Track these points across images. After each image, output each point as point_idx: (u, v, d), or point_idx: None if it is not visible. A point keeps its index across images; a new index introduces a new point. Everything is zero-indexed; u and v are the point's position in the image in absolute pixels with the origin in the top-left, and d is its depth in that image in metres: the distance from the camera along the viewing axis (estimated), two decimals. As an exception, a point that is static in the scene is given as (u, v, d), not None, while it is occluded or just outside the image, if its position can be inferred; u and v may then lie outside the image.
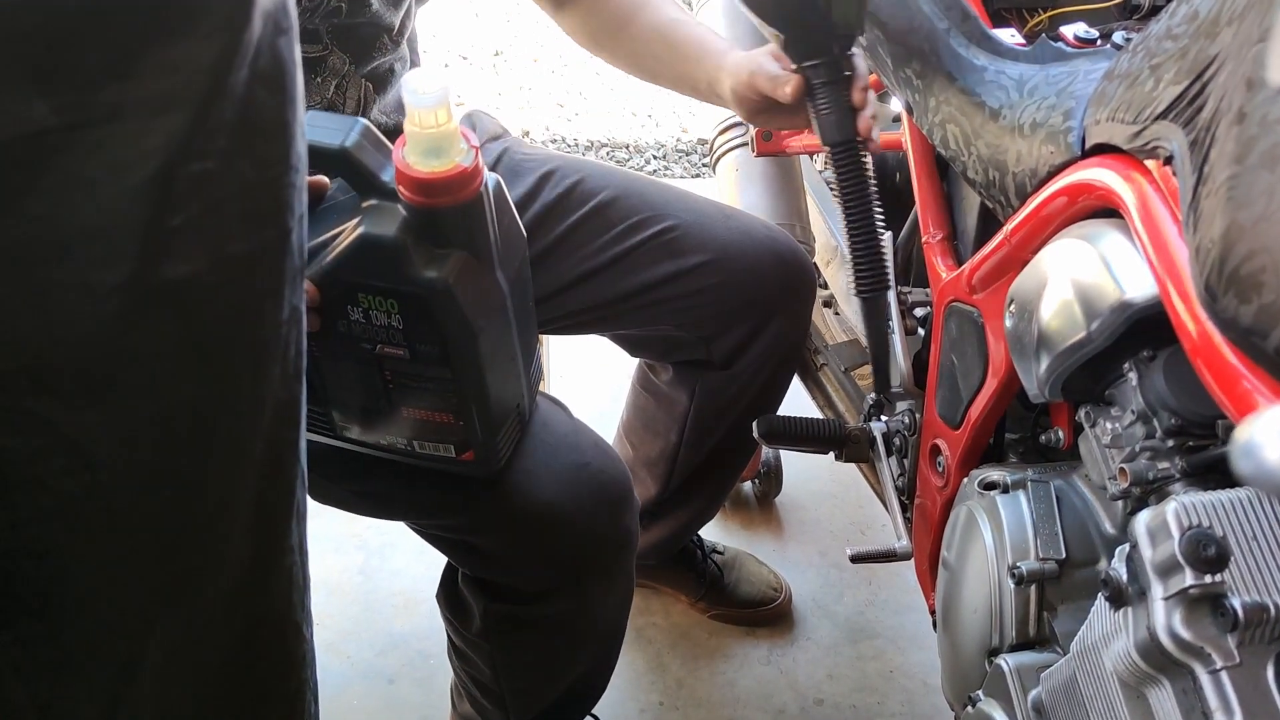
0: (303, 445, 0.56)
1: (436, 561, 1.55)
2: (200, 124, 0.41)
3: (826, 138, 0.88)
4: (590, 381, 1.82)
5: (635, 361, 1.41)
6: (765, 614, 1.56)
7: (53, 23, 0.37)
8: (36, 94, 0.38)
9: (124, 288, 0.41)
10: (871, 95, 0.90)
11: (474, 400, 0.85)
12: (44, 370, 0.41)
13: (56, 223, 0.39)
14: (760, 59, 0.99)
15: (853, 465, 1.30)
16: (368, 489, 0.99)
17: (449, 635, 1.17)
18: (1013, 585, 0.87)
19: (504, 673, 1.12)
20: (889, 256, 0.91)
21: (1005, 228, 0.93)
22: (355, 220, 0.78)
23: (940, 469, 1.07)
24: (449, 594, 1.13)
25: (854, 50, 0.87)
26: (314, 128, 0.74)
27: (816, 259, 1.59)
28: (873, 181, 0.89)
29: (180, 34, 0.40)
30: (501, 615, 1.06)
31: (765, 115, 1.04)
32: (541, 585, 1.02)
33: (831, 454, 1.24)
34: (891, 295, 1.01)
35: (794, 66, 0.91)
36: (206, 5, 0.40)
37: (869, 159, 0.89)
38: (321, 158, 0.76)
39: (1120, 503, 0.84)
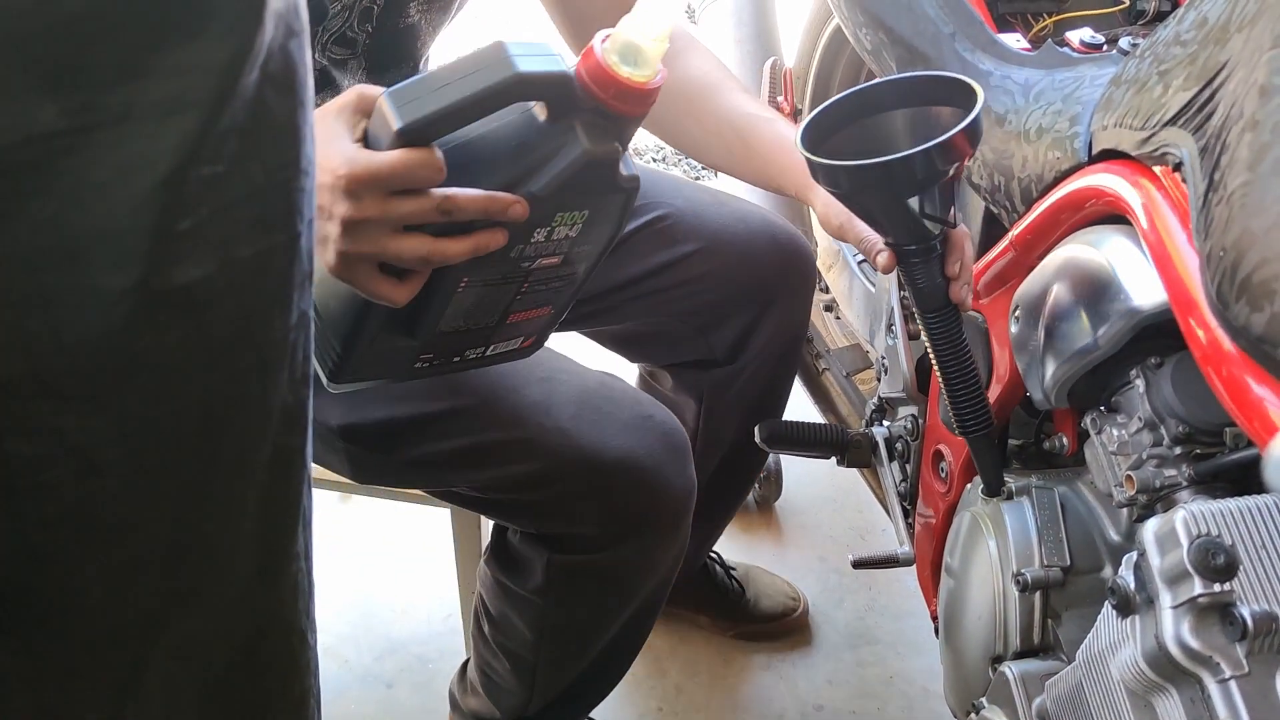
0: (308, 451, 0.55)
1: (435, 565, 1.55)
2: (211, 127, 0.41)
3: (919, 305, 0.88)
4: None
5: (634, 373, 1.39)
6: (788, 625, 1.53)
7: (61, 24, 0.37)
8: (45, 96, 0.37)
9: (133, 292, 0.41)
10: (968, 259, 0.89)
11: (581, 287, 0.84)
12: (51, 375, 0.41)
13: (66, 226, 0.39)
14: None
15: (852, 470, 1.29)
16: (428, 455, 0.97)
17: (486, 606, 1.13)
18: (1017, 592, 0.87)
19: (549, 634, 1.10)
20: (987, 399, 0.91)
21: (1010, 233, 0.93)
22: (565, 139, 0.72)
23: (943, 475, 1.06)
24: (500, 555, 1.10)
25: (952, 225, 0.86)
26: (519, 57, 0.68)
27: (819, 263, 1.59)
28: (965, 339, 0.89)
29: (192, 35, 0.39)
30: (565, 566, 1.04)
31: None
32: (608, 532, 1.01)
33: (833, 459, 1.24)
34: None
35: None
36: (218, 7, 0.40)
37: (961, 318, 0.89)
38: (539, 86, 0.70)
39: (1125, 510, 0.84)
